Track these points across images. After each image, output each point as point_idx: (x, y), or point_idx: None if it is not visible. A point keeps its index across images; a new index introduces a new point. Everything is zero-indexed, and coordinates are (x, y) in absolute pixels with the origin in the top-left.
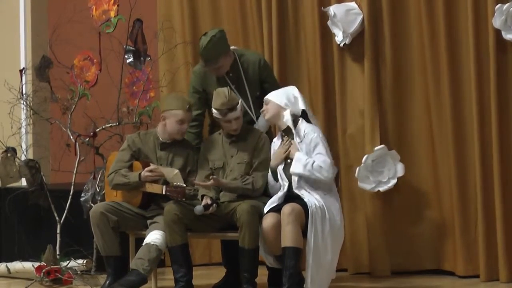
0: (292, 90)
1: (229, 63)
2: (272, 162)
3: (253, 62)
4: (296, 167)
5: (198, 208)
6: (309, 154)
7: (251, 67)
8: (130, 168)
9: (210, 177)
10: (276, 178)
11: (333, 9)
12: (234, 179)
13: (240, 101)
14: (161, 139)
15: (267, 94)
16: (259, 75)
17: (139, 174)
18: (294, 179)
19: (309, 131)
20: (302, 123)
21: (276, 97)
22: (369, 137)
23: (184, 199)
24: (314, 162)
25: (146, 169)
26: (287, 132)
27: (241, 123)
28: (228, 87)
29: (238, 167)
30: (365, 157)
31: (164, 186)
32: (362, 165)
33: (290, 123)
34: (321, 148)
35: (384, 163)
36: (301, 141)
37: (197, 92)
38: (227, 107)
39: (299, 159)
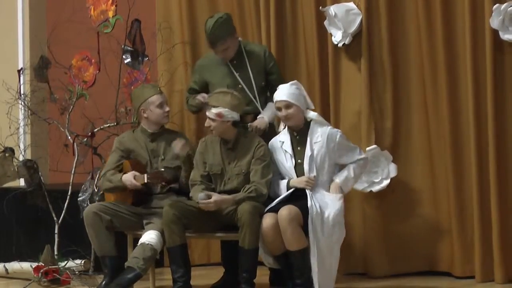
0: (300, 88)
1: (236, 46)
2: (294, 183)
3: (258, 51)
4: (350, 186)
5: (202, 195)
6: (334, 148)
7: (256, 56)
8: (121, 168)
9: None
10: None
11: (333, 9)
12: (235, 188)
13: (220, 109)
14: (149, 131)
15: (273, 85)
16: (265, 64)
17: (121, 177)
18: None
19: (329, 133)
20: (316, 125)
21: (297, 100)
22: (365, 137)
23: (165, 183)
24: (354, 169)
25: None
26: (301, 133)
27: (216, 126)
28: (231, 94)
29: (237, 177)
30: None
31: (145, 175)
32: None
33: (320, 118)
34: (350, 146)
35: (377, 164)
36: (317, 142)
37: (197, 85)
38: (205, 102)
39: (346, 183)
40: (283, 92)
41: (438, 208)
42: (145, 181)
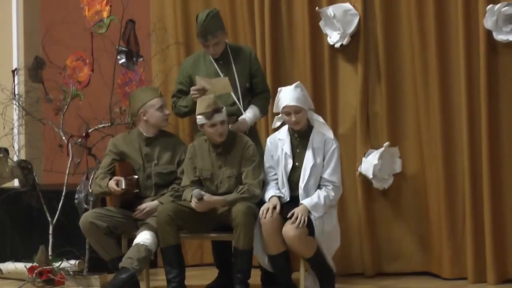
0: (304, 89)
1: (224, 42)
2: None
3: (244, 52)
4: (319, 213)
5: (196, 192)
6: (325, 156)
7: (242, 57)
8: (113, 171)
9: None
10: None
11: (332, 10)
12: (227, 191)
13: (225, 109)
14: (145, 134)
15: (256, 88)
16: (250, 66)
17: (108, 180)
18: (301, 192)
19: (328, 138)
20: (321, 127)
21: (304, 103)
22: (362, 138)
23: (137, 190)
24: (326, 197)
25: None
26: (302, 136)
27: (226, 130)
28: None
29: (228, 180)
30: (373, 153)
31: (123, 181)
32: (374, 162)
33: (323, 122)
34: (336, 163)
35: (386, 161)
36: (317, 147)
37: (184, 86)
38: (213, 108)
39: (316, 209)
40: (291, 96)
41: (430, 209)
42: (123, 187)
